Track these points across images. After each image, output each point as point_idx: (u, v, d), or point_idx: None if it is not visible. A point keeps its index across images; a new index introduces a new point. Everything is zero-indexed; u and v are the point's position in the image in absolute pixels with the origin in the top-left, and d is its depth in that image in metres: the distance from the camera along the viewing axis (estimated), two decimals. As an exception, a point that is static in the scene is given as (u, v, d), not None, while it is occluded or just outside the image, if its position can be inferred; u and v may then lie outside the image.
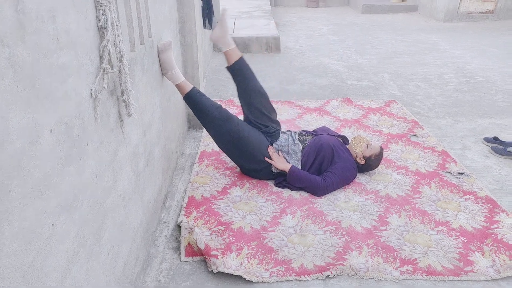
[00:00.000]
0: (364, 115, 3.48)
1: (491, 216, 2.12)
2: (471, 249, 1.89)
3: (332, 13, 9.52)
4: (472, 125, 3.32)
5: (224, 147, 2.43)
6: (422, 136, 3.06)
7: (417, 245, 1.92)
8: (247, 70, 2.44)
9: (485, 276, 1.75)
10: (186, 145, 2.97)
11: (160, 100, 2.16)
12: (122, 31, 1.46)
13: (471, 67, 4.96)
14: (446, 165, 2.64)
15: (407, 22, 8.15)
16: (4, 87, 0.77)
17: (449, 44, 6.16)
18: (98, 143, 1.25)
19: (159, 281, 1.74)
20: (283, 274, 1.75)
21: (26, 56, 0.84)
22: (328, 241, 1.94)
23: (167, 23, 2.37)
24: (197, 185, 2.40)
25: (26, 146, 0.85)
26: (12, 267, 0.81)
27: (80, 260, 1.12)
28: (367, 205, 2.22)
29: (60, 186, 1.00)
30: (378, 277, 1.75)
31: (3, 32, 0.77)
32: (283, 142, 2.44)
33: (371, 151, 2.46)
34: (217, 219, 2.08)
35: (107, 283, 1.32)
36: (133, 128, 1.63)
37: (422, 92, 4.10)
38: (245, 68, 2.43)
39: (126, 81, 1.39)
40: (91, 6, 1.18)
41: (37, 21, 0.89)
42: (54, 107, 0.97)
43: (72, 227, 1.07)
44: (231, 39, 2.41)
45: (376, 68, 4.93)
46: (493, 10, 8.06)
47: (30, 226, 0.87)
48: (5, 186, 0.78)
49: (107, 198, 1.33)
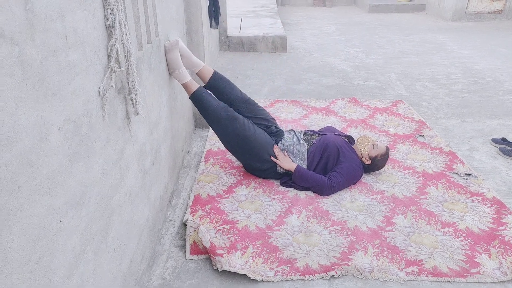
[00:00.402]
0: (370, 115, 3.47)
1: (499, 217, 2.10)
2: (478, 251, 1.88)
3: (339, 12, 9.49)
4: (480, 125, 3.29)
5: (230, 147, 2.44)
6: (429, 137, 3.04)
7: (423, 246, 1.91)
8: (224, 83, 2.42)
9: (491, 278, 1.73)
10: (192, 143, 2.98)
11: (167, 99, 2.17)
12: (130, 30, 1.47)
13: (479, 67, 4.92)
14: (453, 166, 2.63)
15: (415, 21, 8.10)
16: (13, 85, 0.78)
17: (457, 44, 6.11)
18: (106, 141, 1.26)
19: (165, 278, 1.75)
20: (288, 273, 1.75)
21: (35, 54, 0.85)
22: (333, 241, 1.94)
23: (174, 22, 2.38)
24: (203, 184, 2.41)
25: (34, 143, 0.86)
26: (20, 263, 0.82)
27: (87, 257, 1.13)
28: (373, 205, 2.22)
29: (68, 183, 1.01)
30: (383, 278, 1.74)
31: (13, 31, 0.78)
32: (288, 141, 2.44)
33: (377, 151, 2.45)
34: (223, 218, 2.09)
35: (113, 279, 1.33)
36: (140, 126, 1.64)
37: (429, 92, 4.07)
38: (221, 81, 2.42)
39: (134, 80, 1.40)
40: (99, 6, 1.19)
41: (46, 20, 0.90)
42: (63, 105, 0.98)
43: (80, 224, 1.08)
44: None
45: (383, 68, 4.91)
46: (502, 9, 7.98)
47: (38, 222, 0.88)
48: (14, 182, 0.79)
49: (114, 195, 1.34)
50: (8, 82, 0.76)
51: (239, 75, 4.61)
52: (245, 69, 4.84)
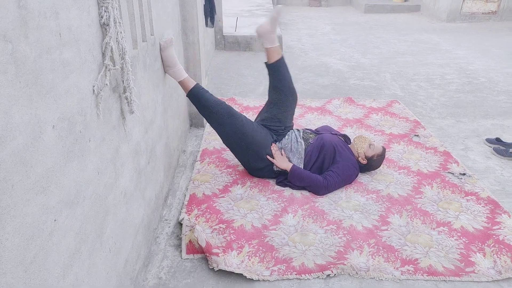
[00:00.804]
0: (366, 114, 3.48)
1: (493, 217, 2.12)
2: (473, 250, 1.89)
3: (334, 12, 9.51)
4: (475, 126, 3.31)
5: (228, 144, 2.44)
6: (424, 137, 3.05)
7: (418, 245, 1.91)
8: (286, 71, 2.42)
9: (486, 277, 1.74)
10: (188, 143, 2.97)
11: (162, 98, 2.16)
12: (125, 28, 1.46)
13: (473, 67, 4.95)
14: (448, 165, 2.64)
15: (410, 22, 8.13)
16: (6, 83, 0.77)
17: (451, 45, 6.14)
18: (100, 140, 1.25)
19: (160, 278, 1.74)
20: (284, 272, 1.75)
21: (29, 52, 0.84)
22: (329, 240, 1.94)
23: (169, 21, 2.37)
24: (198, 183, 2.40)
25: (28, 142, 0.85)
26: (14, 262, 0.81)
27: (82, 256, 1.12)
28: (368, 204, 2.22)
29: (63, 182, 1.00)
30: (379, 277, 1.75)
31: (6, 28, 0.77)
32: (286, 140, 2.44)
33: (374, 151, 2.45)
34: (218, 217, 2.08)
35: (108, 279, 1.32)
36: (135, 125, 1.63)
37: (424, 92, 4.09)
38: (284, 68, 2.41)
39: (128, 78, 1.39)
40: (93, 3, 1.18)
41: (40, 17, 0.89)
42: (57, 103, 0.97)
43: (74, 223, 1.07)
44: (276, 37, 2.36)
45: (378, 68, 4.93)
46: (496, 10, 8.04)
47: (32, 222, 0.87)
48: (7, 181, 0.78)
49: (109, 194, 1.33)
50: (1, 79, 0.75)
51: (234, 74, 4.60)
52: (240, 68, 4.84)
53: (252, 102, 3.71)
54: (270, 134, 2.42)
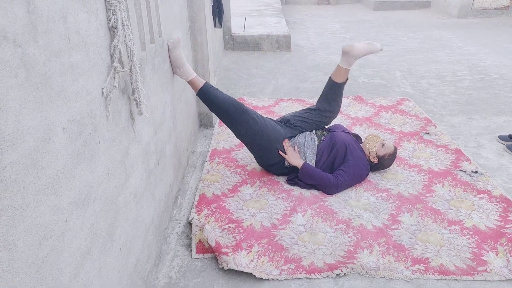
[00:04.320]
0: (375, 113, 3.45)
1: (506, 215, 2.08)
2: (485, 249, 1.86)
3: (343, 10, 9.45)
4: (487, 123, 3.26)
5: (243, 139, 2.45)
6: (435, 134, 3.02)
7: (429, 244, 1.89)
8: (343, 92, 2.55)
9: (499, 276, 1.72)
10: (197, 143, 2.98)
11: (171, 99, 2.17)
12: (133, 30, 1.48)
13: (485, 64, 4.87)
14: (459, 163, 2.60)
15: (420, 18, 8.04)
16: (17, 86, 0.79)
17: (462, 41, 6.06)
18: (110, 141, 1.27)
19: (171, 277, 1.75)
20: (293, 272, 1.75)
21: (38, 55, 0.86)
22: (338, 240, 1.93)
23: (177, 22, 2.38)
24: (208, 183, 2.41)
25: (39, 144, 0.87)
26: (26, 262, 0.82)
27: (93, 256, 1.14)
28: (378, 203, 2.21)
29: (73, 183, 1.02)
30: (389, 276, 1.73)
31: (16, 32, 0.78)
32: (300, 136, 2.44)
33: (385, 150, 2.44)
34: (228, 217, 2.09)
35: (119, 279, 1.34)
36: (144, 126, 1.65)
37: (435, 89, 4.04)
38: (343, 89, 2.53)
39: (137, 80, 1.41)
40: (101, 6, 1.20)
41: (49, 21, 0.90)
42: (66, 106, 0.98)
43: (85, 223, 1.09)
44: (353, 63, 2.43)
45: (388, 65, 4.88)
46: (508, 5, 7.90)
47: (44, 222, 0.89)
48: (19, 183, 0.80)
49: (119, 195, 1.35)
50: (12, 83, 0.77)
51: (243, 74, 4.61)
52: (249, 68, 4.84)
53: (261, 102, 3.71)
54: (283, 130, 2.43)
